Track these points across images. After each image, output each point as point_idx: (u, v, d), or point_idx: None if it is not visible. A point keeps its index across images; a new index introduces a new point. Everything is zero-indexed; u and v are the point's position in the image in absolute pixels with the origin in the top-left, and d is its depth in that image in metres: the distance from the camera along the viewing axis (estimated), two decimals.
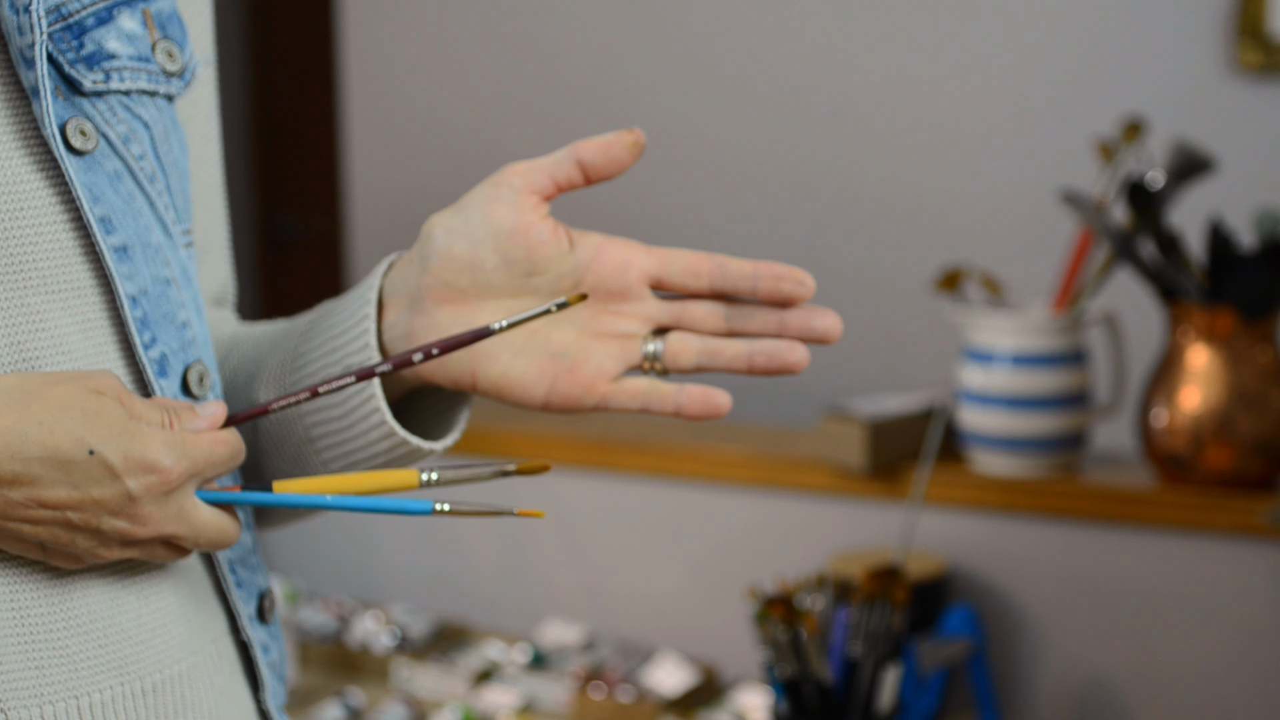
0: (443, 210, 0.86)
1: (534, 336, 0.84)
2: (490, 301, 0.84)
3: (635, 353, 0.85)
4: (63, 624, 0.78)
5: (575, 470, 2.01)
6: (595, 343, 0.85)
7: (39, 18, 0.78)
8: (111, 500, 0.74)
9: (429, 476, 0.80)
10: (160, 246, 0.83)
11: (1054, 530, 1.75)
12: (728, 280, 0.84)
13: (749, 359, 0.84)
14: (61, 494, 0.73)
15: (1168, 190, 1.70)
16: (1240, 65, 2.20)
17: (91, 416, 0.73)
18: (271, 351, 0.93)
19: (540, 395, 0.84)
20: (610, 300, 0.85)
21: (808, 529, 1.87)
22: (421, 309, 0.85)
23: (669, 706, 1.81)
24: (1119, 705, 1.72)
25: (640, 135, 0.84)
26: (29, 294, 0.77)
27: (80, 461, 0.73)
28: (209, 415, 0.79)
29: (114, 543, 0.76)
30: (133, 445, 0.74)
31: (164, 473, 0.74)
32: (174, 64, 0.86)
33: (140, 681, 0.81)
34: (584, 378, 0.84)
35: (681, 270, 0.84)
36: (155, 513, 0.75)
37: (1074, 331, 1.75)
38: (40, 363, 0.77)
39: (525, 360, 0.84)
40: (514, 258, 0.83)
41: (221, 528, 0.79)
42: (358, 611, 2.08)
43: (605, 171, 0.84)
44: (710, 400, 0.84)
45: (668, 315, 0.85)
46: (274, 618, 0.91)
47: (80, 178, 0.79)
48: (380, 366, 0.81)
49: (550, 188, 0.84)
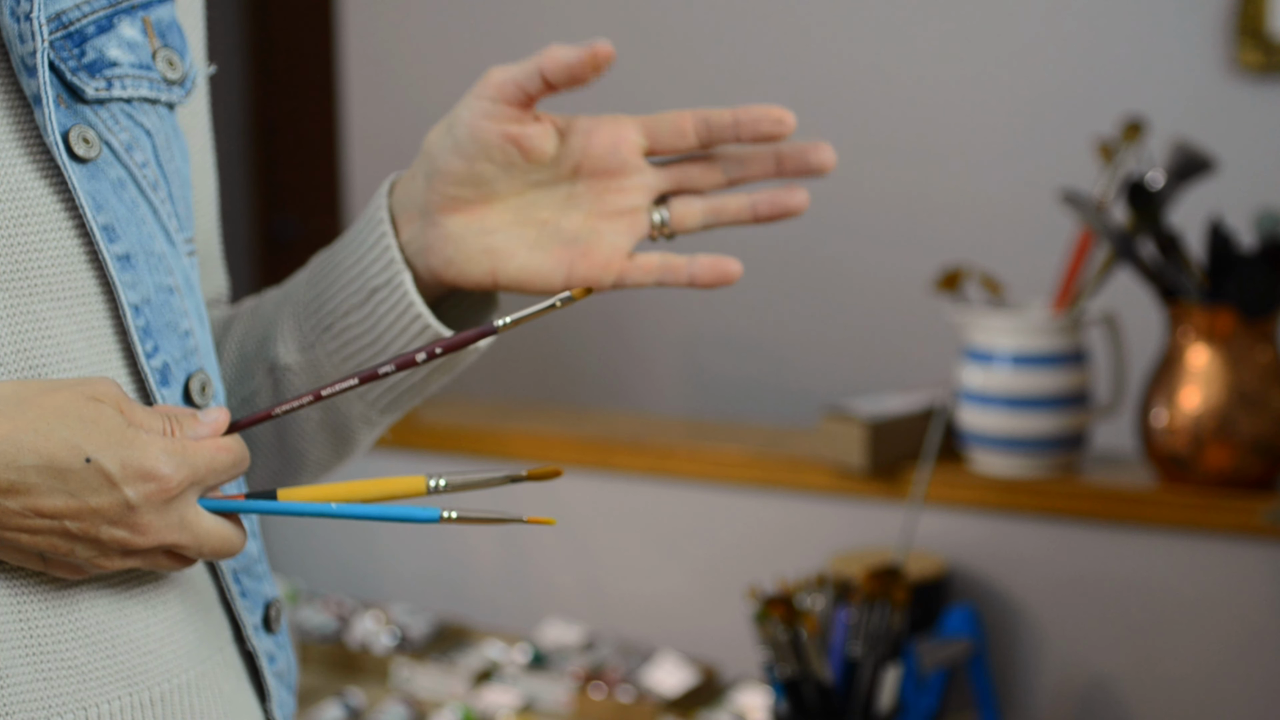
0: (437, 125, 0.88)
1: (545, 226, 0.87)
2: (496, 204, 0.87)
3: (643, 224, 0.87)
4: (70, 635, 0.77)
5: (575, 470, 2.01)
6: (604, 223, 0.87)
7: (40, 25, 0.78)
8: (109, 509, 0.73)
9: (437, 483, 0.79)
10: (163, 255, 0.83)
11: (1054, 530, 1.75)
12: (712, 131, 0.86)
13: (753, 208, 0.87)
14: (58, 503, 0.72)
15: (1168, 190, 1.70)
16: (1240, 65, 2.20)
17: (89, 424, 0.72)
18: (279, 309, 0.93)
19: (559, 282, 0.87)
20: (610, 178, 0.87)
21: (808, 529, 1.87)
22: (433, 221, 0.87)
23: (669, 706, 1.81)
24: (1119, 705, 1.72)
25: (604, 51, 0.85)
26: (34, 301, 0.77)
27: (77, 470, 0.72)
28: (211, 422, 0.78)
29: (114, 552, 0.75)
30: (130, 453, 0.73)
31: (163, 481, 0.73)
32: (174, 72, 0.86)
33: (148, 691, 0.80)
34: (599, 259, 0.86)
35: (668, 132, 0.87)
36: (155, 522, 0.74)
37: (1074, 331, 1.75)
38: (45, 369, 0.77)
39: (541, 252, 0.87)
40: (510, 163, 0.86)
41: (225, 537, 0.78)
42: (358, 611, 2.08)
43: (568, 84, 0.86)
44: (721, 267, 0.87)
45: (667, 180, 0.88)
46: (281, 627, 0.90)
47: (83, 185, 0.78)
48: (383, 368, 0.81)
49: (523, 97, 0.86)
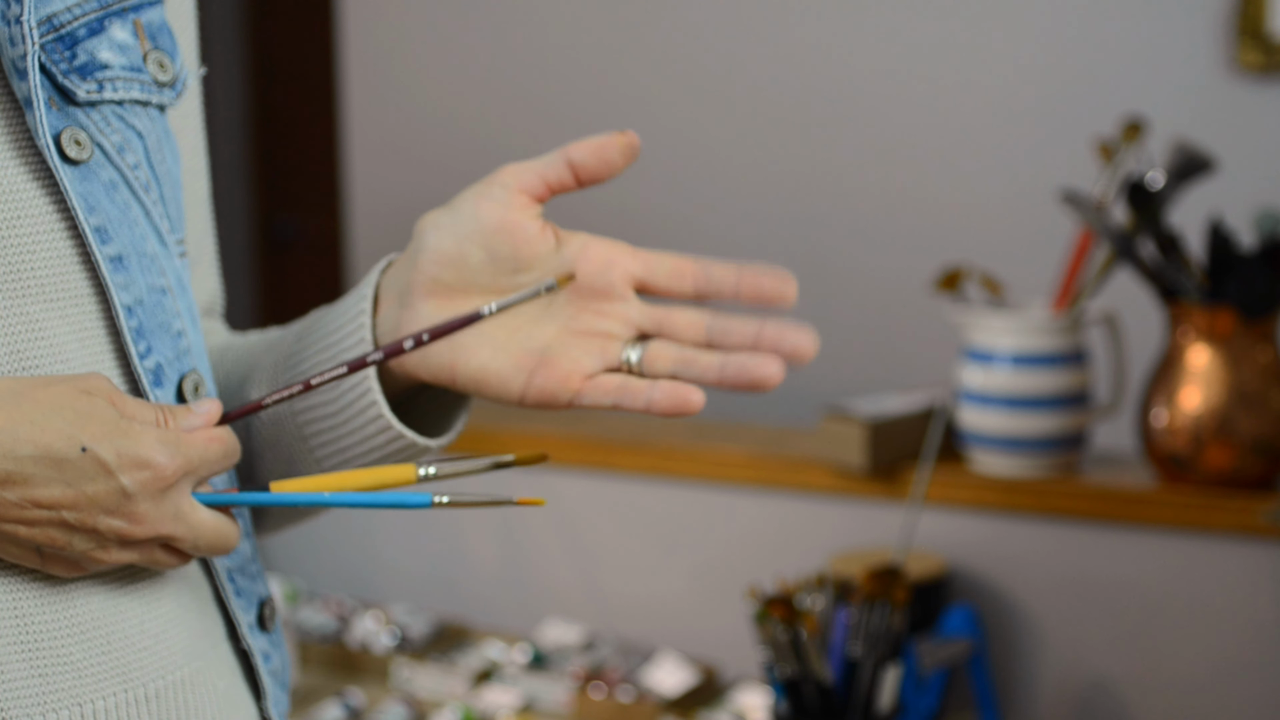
0: (436, 209, 0.86)
1: (515, 333, 0.85)
2: (475, 296, 0.84)
3: (614, 354, 0.84)
4: (65, 631, 0.78)
5: (575, 470, 2.01)
6: (575, 339, 0.84)
7: (31, 28, 0.78)
8: (106, 497, 0.74)
9: (426, 471, 0.80)
10: (155, 256, 0.83)
11: (1054, 530, 1.74)
12: (712, 283, 0.84)
13: (720, 370, 0.83)
14: (56, 492, 0.73)
15: (1168, 190, 1.70)
16: (1240, 65, 2.20)
17: (83, 415, 0.73)
18: (265, 354, 0.93)
19: (517, 389, 0.84)
20: (593, 299, 0.84)
21: (808, 529, 1.87)
22: (408, 303, 0.85)
23: (669, 706, 1.81)
24: (1119, 705, 1.72)
25: (633, 138, 0.83)
26: (27, 302, 0.77)
27: (73, 459, 0.73)
28: (203, 413, 0.79)
29: (111, 544, 0.75)
30: (125, 442, 0.74)
31: (158, 469, 0.74)
32: (165, 74, 0.86)
33: (143, 688, 0.80)
34: (560, 372, 0.84)
35: (666, 273, 0.84)
36: (151, 511, 0.75)
37: (1074, 331, 1.75)
38: (39, 370, 0.77)
39: (504, 355, 0.84)
40: (500, 254, 0.84)
41: (220, 531, 0.79)
42: (358, 611, 2.08)
43: (596, 174, 0.84)
44: (681, 396, 0.82)
45: (650, 321, 0.85)
46: (275, 625, 0.91)
47: (75, 187, 0.79)
48: (372, 356, 0.81)
49: (541, 188, 0.84)
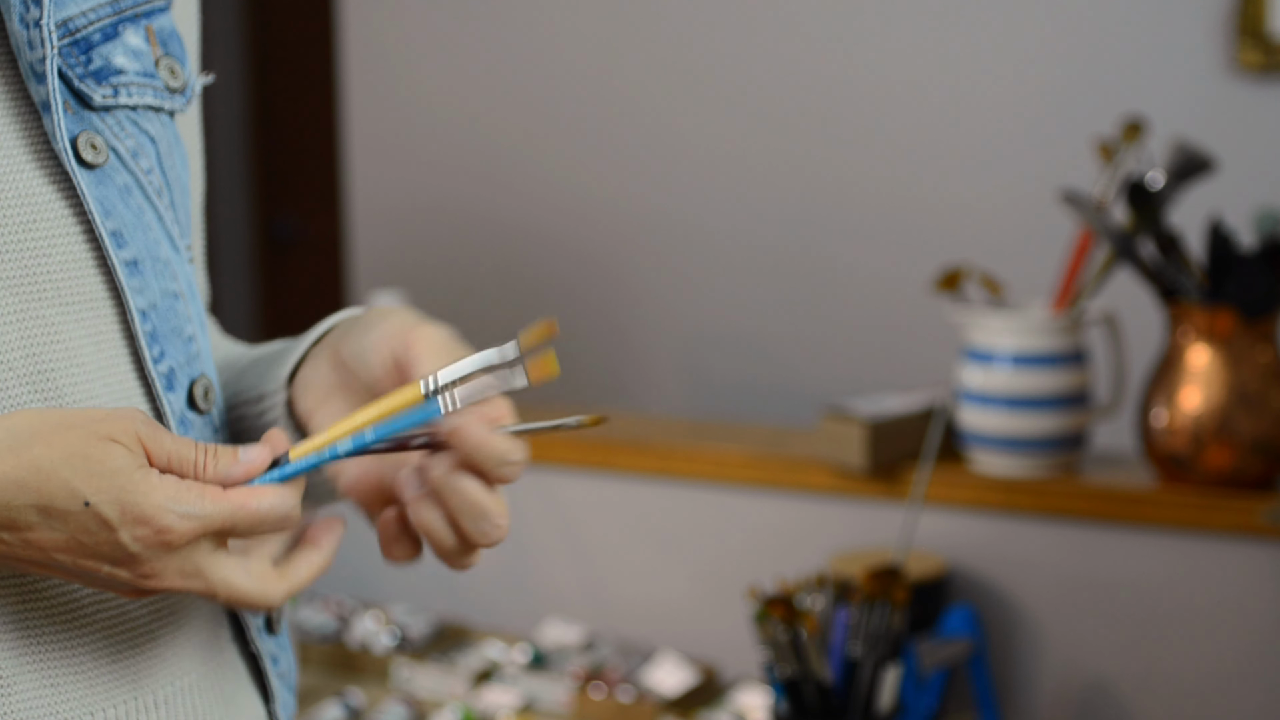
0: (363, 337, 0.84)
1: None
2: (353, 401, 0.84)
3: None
4: (75, 640, 0.77)
5: (575, 470, 2.01)
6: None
7: (50, 32, 0.78)
8: (110, 551, 0.71)
9: (428, 384, 0.76)
10: (168, 261, 0.84)
11: (1054, 530, 1.75)
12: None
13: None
14: (59, 540, 0.71)
15: (1168, 190, 1.70)
16: (1240, 65, 2.20)
17: (94, 465, 0.71)
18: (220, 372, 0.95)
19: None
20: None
21: (808, 529, 1.87)
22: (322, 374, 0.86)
23: (669, 706, 1.81)
24: (1119, 705, 1.72)
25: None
26: (43, 306, 0.77)
27: (75, 513, 0.71)
28: (247, 462, 0.74)
29: (126, 589, 0.74)
30: (132, 498, 0.71)
31: (162, 530, 0.71)
32: (176, 80, 0.87)
33: (153, 694, 0.81)
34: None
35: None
36: (162, 568, 0.72)
37: (1074, 331, 1.75)
38: (54, 374, 0.77)
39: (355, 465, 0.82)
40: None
41: (259, 590, 0.74)
42: (358, 611, 2.08)
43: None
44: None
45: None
46: (282, 628, 0.91)
47: (92, 191, 0.79)
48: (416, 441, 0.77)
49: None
